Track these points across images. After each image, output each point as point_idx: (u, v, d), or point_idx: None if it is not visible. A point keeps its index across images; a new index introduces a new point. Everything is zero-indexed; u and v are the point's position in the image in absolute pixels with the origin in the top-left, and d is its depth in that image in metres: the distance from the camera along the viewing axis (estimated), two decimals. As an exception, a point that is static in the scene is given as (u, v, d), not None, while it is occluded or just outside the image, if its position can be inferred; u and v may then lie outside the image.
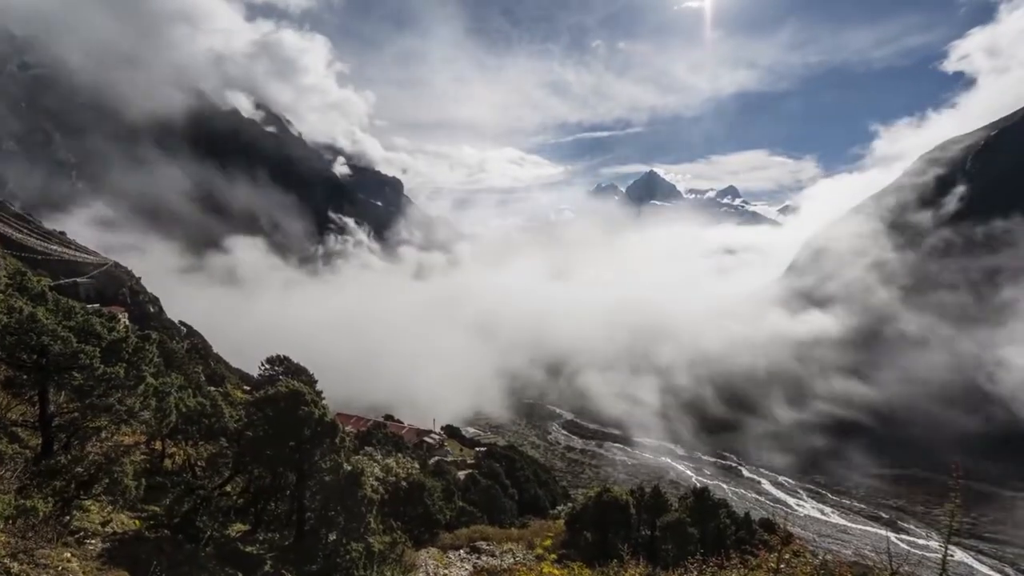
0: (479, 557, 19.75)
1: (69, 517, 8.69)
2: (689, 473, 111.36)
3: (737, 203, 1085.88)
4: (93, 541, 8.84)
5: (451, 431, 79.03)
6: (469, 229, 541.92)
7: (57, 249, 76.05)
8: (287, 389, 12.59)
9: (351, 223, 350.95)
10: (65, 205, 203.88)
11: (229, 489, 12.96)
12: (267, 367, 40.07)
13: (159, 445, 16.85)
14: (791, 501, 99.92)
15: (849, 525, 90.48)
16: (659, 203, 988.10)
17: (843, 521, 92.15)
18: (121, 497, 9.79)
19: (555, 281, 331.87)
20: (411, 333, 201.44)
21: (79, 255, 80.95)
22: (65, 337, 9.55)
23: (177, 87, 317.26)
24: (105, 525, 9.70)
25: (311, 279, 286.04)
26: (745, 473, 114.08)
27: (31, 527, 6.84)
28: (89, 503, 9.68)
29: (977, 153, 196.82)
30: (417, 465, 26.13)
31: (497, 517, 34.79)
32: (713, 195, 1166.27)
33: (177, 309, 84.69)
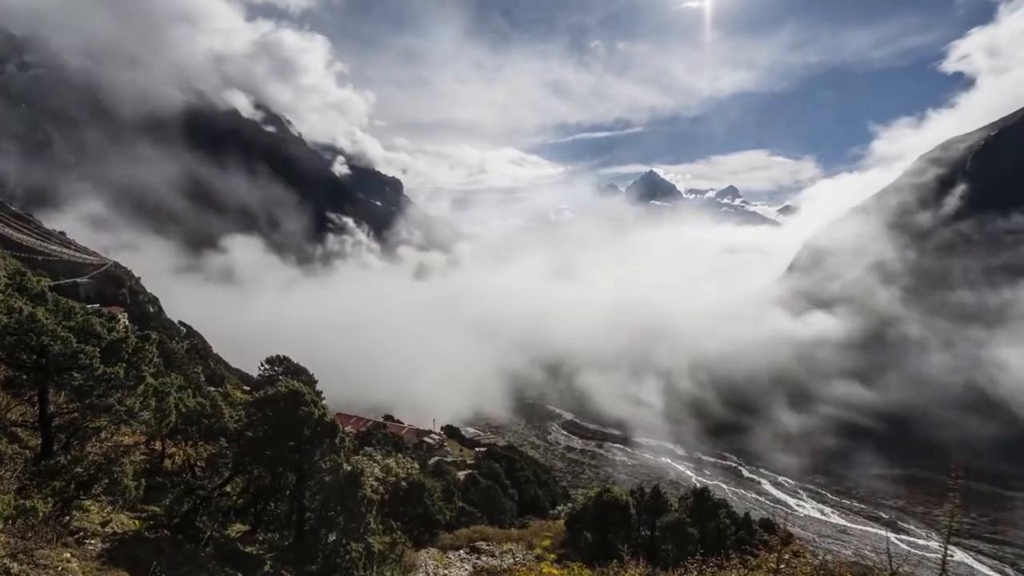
0: (479, 557, 19.75)
1: (69, 517, 8.69)
2: (689, 473, 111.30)
3: (737, 203, 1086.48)
4: (93, 541, 8.83)
5: (451, 431, 79.00)
6: (469, 229, 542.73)
7: (57, 249, 76.09)
8: (287, 389, 12.59)
9: (350, 223, 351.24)
10: (63, 204, 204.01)
11: (229, 489, 12.96)
12: (267, 367, 40.10)
13: (159, 445, 16.84)
14: (791, 501, 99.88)
15: (849, 525, 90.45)
16: (659, 203, 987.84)
17: (843, 521, 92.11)
18: (121, 497, 9.79)
19: (555, 281, 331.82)
20: (411, 333, 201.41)
21: (79, 255, 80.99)
22: (65, 337, 9.55)
23: (176, 87, 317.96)
24: (105, 525, 9.70)
25: (310, 279, 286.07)
26: (745, 473, 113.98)
27: (31, 527, 6.84)
28: (89, 503, 9.68)
29: (977, 153, 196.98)
30: (417, 465, 26.13)
31: (497, 517, 34.78)
32: (713, 195, 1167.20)
33: (174, 309, 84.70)
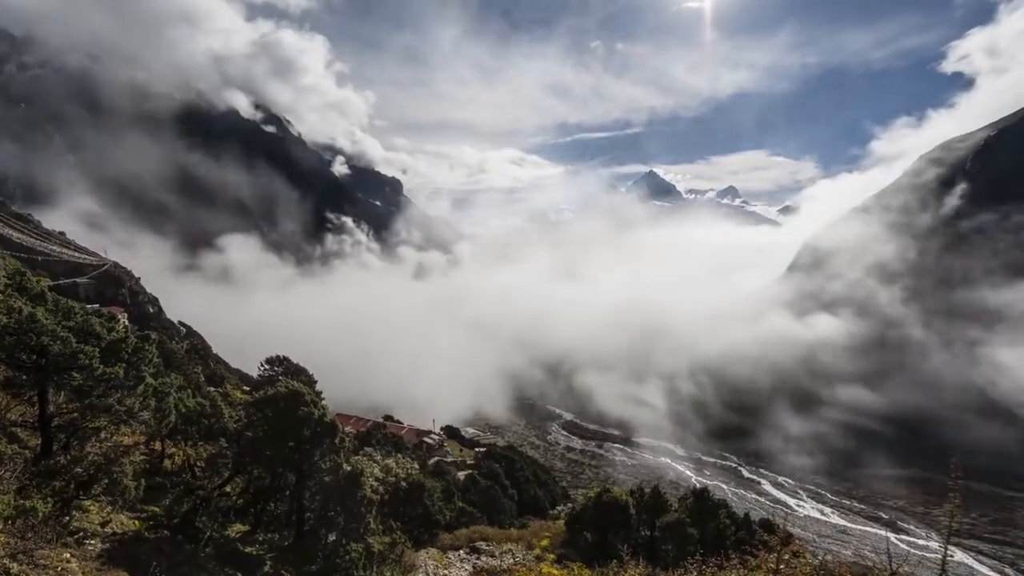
0: (479, 558, 19.74)
1: (68, 518, 8.68)
2: (689, 474, 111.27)
3: (737, 203, 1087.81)
4: (92, 541, 8.83)
5: (451, 431, 78.94)
6: (469, 229, 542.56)
7: (57, 249, 76.05)
8: (287, 389, 12.59)
9: (350, 223, 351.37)
10: (61, 204, 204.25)
11: (229, 489, 12.96)
12: (267, 367, 40.09)
13: (159, 445, 16.83)
14: (791, 502, 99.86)
15: (849, 525, 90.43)
16: (659, 203, 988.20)
17: (843, 521, 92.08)
18: (120, 497, 9.78)
19: (555, 281, 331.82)
20: (411, 333, 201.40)
21: (79, 255, 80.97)
22: (64, 337, 9.54)
23: (176, 87, 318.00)
24: (104, 526, 9.70)
25: (310, 279, 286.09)
26: (745, 474, 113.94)
27: (30, 527, 6.83)
28: (88, 503, 9.67)
29: (977, 153, 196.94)
30: (417, 466, 26.14)
31: (497, 517, 34.76)
32: (713, 195, 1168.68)
33: (173, 308, 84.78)
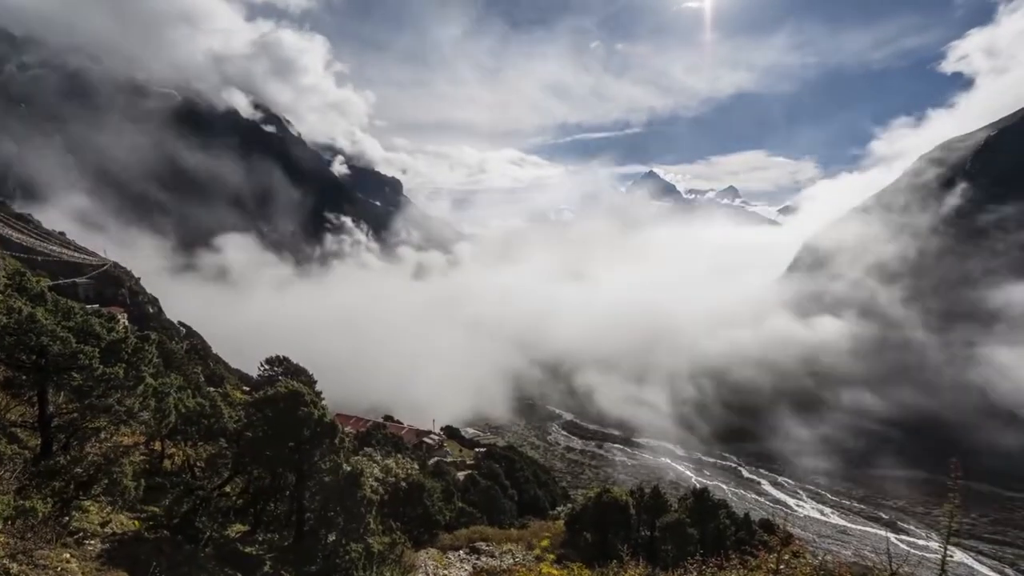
0: (479, 558, 19.73)
1: (68, 518, 8.68)
2: (689, 474, 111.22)
3: (737, 203, 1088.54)
4: (92, 542, 8.83)
5: (451, 432, 78.88)
6: (469, 229, 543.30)
7: (57, 249, 76.04)
8: (286, 390, 12.58)
9: (349, 222, 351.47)
10: (60, 204, 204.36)
11: (228, 490, 12.95)
12: (266, 367, 40.12)
13: (158, 446, 16.83)
14: (791, 502, 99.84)
15: (849, 526, 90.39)
16: (659, 204, 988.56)
17: (843, 522, 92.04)
18: (120, 498, 9.78)
19: (555, 281, 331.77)
20: (410, 333, 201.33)
21: (78, 255, 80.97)
22: (64, 337, 9.54)
23: (176, 87, 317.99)
24: (104, 526, 9.69)
25: (309, 279, 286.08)
26: (745, 474, 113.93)
27: (30, 528, 6.82)
28: (88, 504, 9.67)
29: (978, 153, 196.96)
30: (416, 466, 26.15)
31: (497, 518, 34.75)
32: (713, 196, 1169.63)
33: (172, 308, 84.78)
